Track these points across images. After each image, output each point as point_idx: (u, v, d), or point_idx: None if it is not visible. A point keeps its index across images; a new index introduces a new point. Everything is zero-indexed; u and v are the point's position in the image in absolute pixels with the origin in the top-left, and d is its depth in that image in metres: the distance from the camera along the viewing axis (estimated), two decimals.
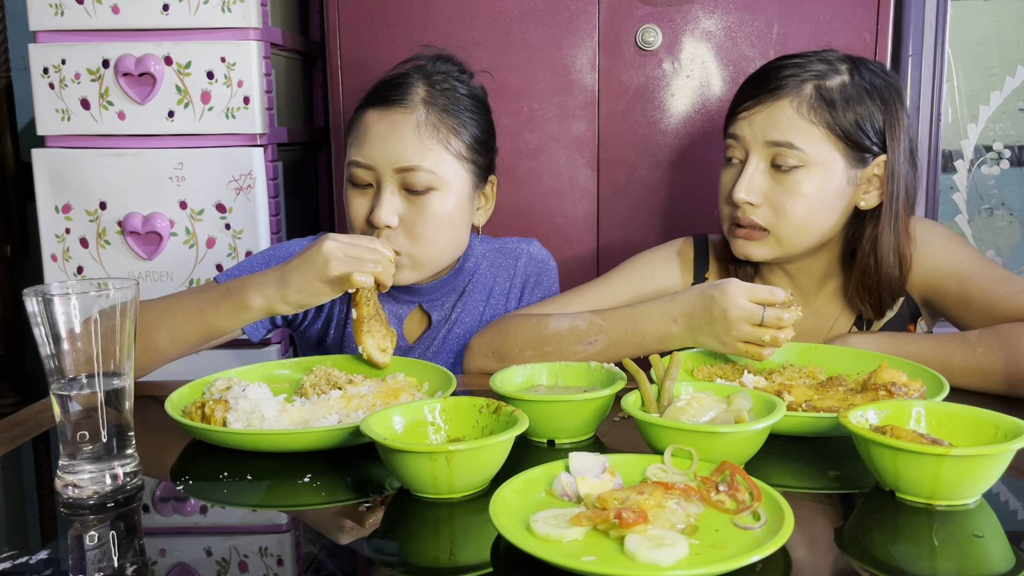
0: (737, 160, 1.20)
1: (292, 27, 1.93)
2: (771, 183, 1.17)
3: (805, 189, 1.15)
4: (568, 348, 1.11)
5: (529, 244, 1.37)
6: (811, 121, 1.15)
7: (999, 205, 1.86)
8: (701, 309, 1.04)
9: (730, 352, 1.03)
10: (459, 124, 1.19)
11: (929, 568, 0.62)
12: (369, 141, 1.17)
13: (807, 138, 1.15)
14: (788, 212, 1.16)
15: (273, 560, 0.66)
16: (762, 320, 1.00)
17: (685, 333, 1.06)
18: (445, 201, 1.18)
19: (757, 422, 0.76)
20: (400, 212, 1.17)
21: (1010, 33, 1.79)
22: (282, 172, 1.82)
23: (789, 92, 1.16)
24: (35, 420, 1.00)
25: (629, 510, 0.61)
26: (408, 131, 1.16)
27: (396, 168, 1.16)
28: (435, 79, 1.21)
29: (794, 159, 1.15)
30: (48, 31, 1.70)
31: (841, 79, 1.17)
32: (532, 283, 1.34)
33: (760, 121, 1.17)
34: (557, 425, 0.87)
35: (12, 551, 0.67)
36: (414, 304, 1.29)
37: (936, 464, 0.69)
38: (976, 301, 1.14)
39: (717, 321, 1.02)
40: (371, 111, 1.19)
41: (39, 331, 0.73)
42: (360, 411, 0.89)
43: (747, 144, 1.18)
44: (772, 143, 1.16)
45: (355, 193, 1.19)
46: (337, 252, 1.03)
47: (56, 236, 1.74)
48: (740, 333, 1.01)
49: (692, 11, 1.64)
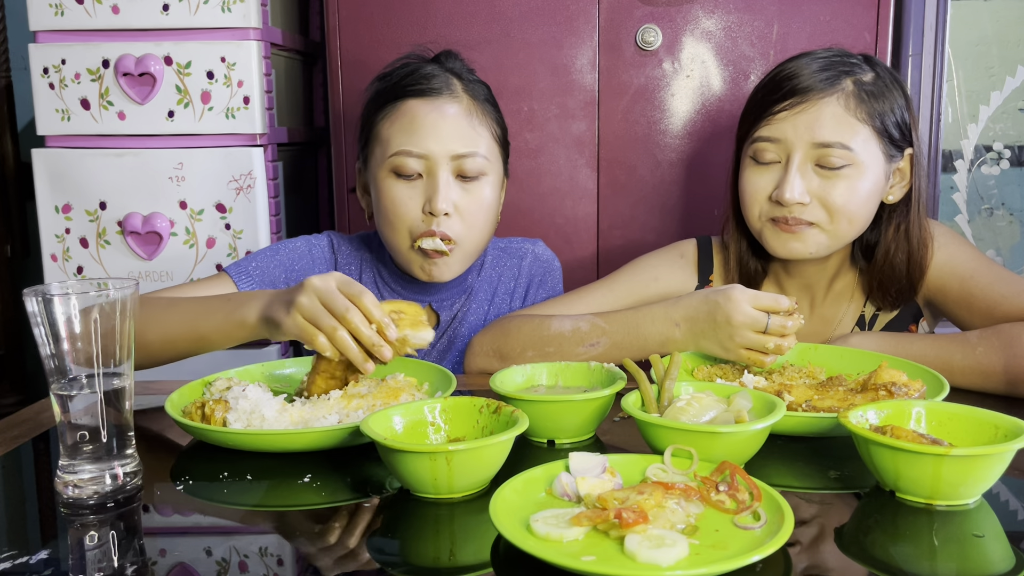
0: (772, 161, 1.17)
1: (292, 27, 1.93)
2: (818, 181, 1.15)
3: (854, 186, 1.14)
4: (570, 349, 1.11)
5: (534, 244, 1.38)
6: (857, 119, 1.14)
7: (999, 205, 1.86)
8: (705, 314, 1.04)
9: (732, 358, 1.03)
10: (491, 111, 1.23)
11: (929, 568, 0.62)
12: (422, 130, 1.17)
13: (855, 136, 1.14)
14: (839, 209, 1.15)
15: (273, 560, 0.66)
16: (766, 328, 1.00)
17: (688, 337, 1.06)
18: (491, 187, 1.20)
19: (757, 422, 0.76)
20: (455, 199, 1.17)
21: (1010, 33, 1.79)
22: (282, 172, 1.82)
23: (831, 90, 1.14)
24: (35, 420, 1.00)
25: (629, 510, 0.61)
26: (462, 118, 1.18)
27: (453, 155, 1.16)
28: (458, 71, 1.23)
29: (842, 159, 1.13)
30: (48, 31, 1.70)
31: (871, 74, 1.17)
32: (537, 283, 1.35)
33: (806, 122, 1.14)
34: (557, 425, 0.87)
35: (12, 551, 0.67)
36: (424, 304, 1.29)
37: (936, 464, 0.69)
38: (977, 301, 1.14)
39: (720, 327, 1.02)
40: (414, 101, 1.18)
41: (39, 331, 0.73)
42: (360, 411, 0.89)
43: (789, 145, 1.15)
44: (820, 144, 1.13)
45: (402, 185, 1.18)
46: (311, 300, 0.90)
47: (56, 236, 1.74)
48: (743, 340, 1.01)
49: (692, 11, 1.64)
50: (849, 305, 1.27)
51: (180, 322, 1.05)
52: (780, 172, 1.16)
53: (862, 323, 1.26)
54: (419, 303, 1.29)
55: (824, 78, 1.14)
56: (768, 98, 1.18)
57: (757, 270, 1.28)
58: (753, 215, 1.21)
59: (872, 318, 1.26)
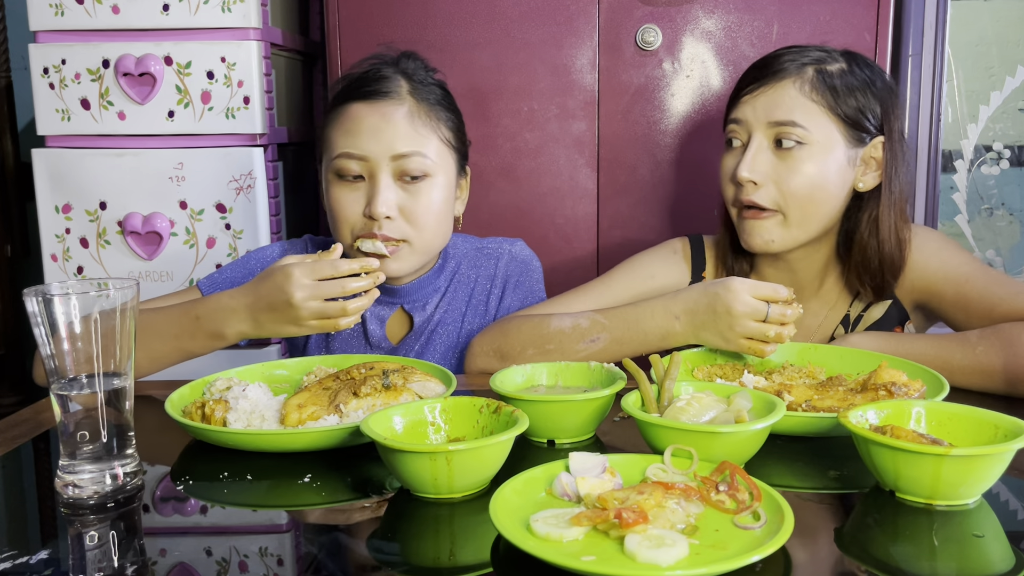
0: (739, 143, 1.22)
1: (292, 27, 1.93)
2: (774, 162, 1.18)
3: (808, 167, 1.17)
4: (570, 346, 1.11)
5: (512, 244, 1.36)
6: (812, 100, 1.17)
7: (999, 205, 1.86)
8: (704, 306, 1.04)
9: (733, 349, 1.03)
10: (442, 113, 1.22)
11: (929, 568, 0.62)
12: (362, 133, 1.17)
13: (809, 116, 1.17)
14: (792, 189, 1.17)
15: (273, 560, 0.66)
16: (766, 317, 1.00)
17: (688, 330, 1.06)
18: (437, 187, 1.19)
19: (757, 422, 0.76)
20: (397, 201, 1.17)
21: (1010, 33, 1.79)
22: (282, 172, 1.82)
23: (791, 74, 1.19)
24: (35, 420, 1.00)
25: (629, 510, 0.61)
26: (402, 120, 1.17)
27: (393, 156, 1.16)
28: (411, 72, 1.22)
29: (796, 136, 1.17)
30: (48, 31, 1.70)
31: (839, 65, 1.20)
32: (513, 283, 1.33)
33: (763, 102, 1.19)
34: (557, 425, 0.87)
35: (12, 551, 0.67)
36: (396, 305, 1.28)
37: (936, 464, 0.69)
38: (974, 304, 1.15)
39: (721, 317, 1.02)
40: (357, 104, 1.19)
41: (39, 331, 0.73)
42: (360, 411, 0.89)
43: (750, 126, 1.20)
44: (775, 123, 1.18)
45: (345, 188, 1.19)
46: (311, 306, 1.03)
47: (56, 236, 1.75)
48: (744, 329, 1.01)
49: (692, 11, 1.64)
50: (836, 303, 1.27)
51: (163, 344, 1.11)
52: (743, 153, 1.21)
53: (846, 322, 1.26)
54: (391, 305, 1.28)
55: (785, 63, 1.20)
56: (739, 84, 1.24)
57: (743, 267, 1.30)
58: (727, 198, 1.24)
59: (857, 319, 1.26)
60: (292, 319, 1.05)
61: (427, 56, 1.49)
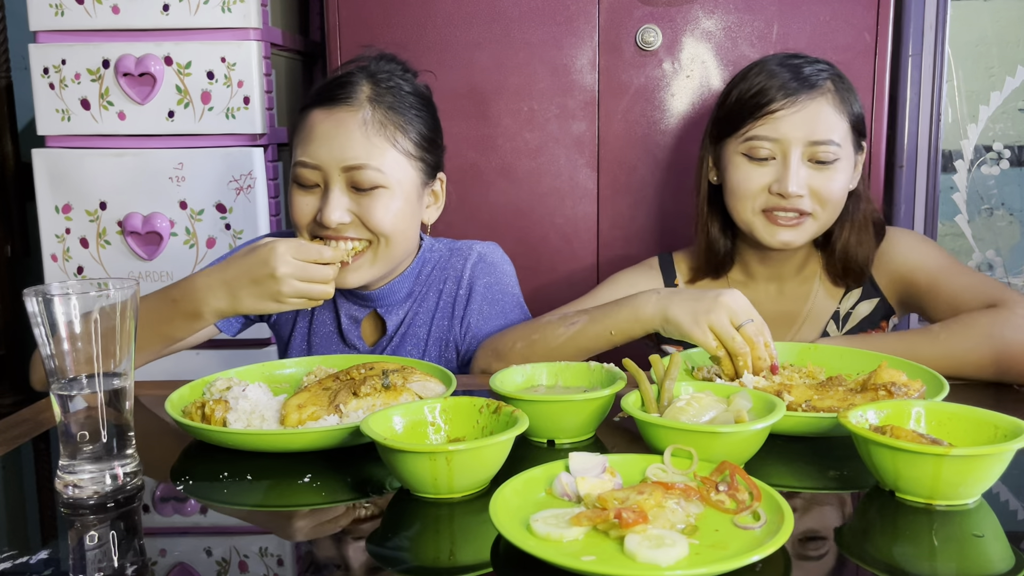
0: (767, 157, 1.24)
1: (292, 27, 1.93)
2: (811, 174, 1.23)
3: (840, 177, 1.24)
4: (552, 332, 1.14)
5: (484, 245, 1.33)
6: (842, 116, 1.24)
7: (999, 205, 1.86)
8: (696, 291, 1.05)
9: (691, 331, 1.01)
10: (405, 121, 1.18)
11: (929, 568, 0.62)
12: (315, 141, 1.15)
13: (841, 133, 1.24)
14: (829, 199, 1.24)
15: (273, 560, 0.66)
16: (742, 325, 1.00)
17: (658, 305, 1.06)
18: (393, 199, 1.16)
19: (757, 422, 0.76)
20: (350, 209, 1.15)
21: (1010, 33, 1.79)
22: (282, 172, 1.82)
23: (822, 90, 1.23)
24: (35, 420, 1.00)
25: (629, 510, 0.61)
26: (355, 129, 1.15)
27: (343, 167, 1.14)
28: (379, 77, 1.19)
29: (833, 154, 1.22)
30: (48, 31, 1.70)
31: (838, 77, 1.26)
32: (482, 285, 1.29)
33: (801, 120, 1.22)
34: (557, 425, 0.87)
35: (12, 551, 0.67)
36: (368, 308, 1.28)
37: (936, 464, 0.69)
38: (944, 293, 1.22)
39: (704, 299, 1.02)
40: (316, 111, 1.17)
41: (39, 331, 0.73)
42: (360, 411, 0.89)
43: (787, 143, 1.22)
44: (815, 142, 1.22)
45: (301, 194, 1.17)
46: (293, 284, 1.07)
47: (56, 236, 1.75)
48: (718, 319, 1.00)
49: (692, 11, 1.64)
50: (819, 286, 1.34)
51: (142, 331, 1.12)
52: (776, 168, 1.24)
53: (836, 317, 1.33)
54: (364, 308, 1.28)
55: (807, 80, 1.23)
56: (758, 102, 1.24)
57: (727, 256, 1.36)
58: (745, 208, 1.27)
59: (847, 315, 1.33)
60: (272, 294, 1.07)
61: (427, 56, 1.49)
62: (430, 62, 1.66)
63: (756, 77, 1.26)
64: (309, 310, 1.30)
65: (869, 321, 1.32)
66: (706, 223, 1.35)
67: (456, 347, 1.28)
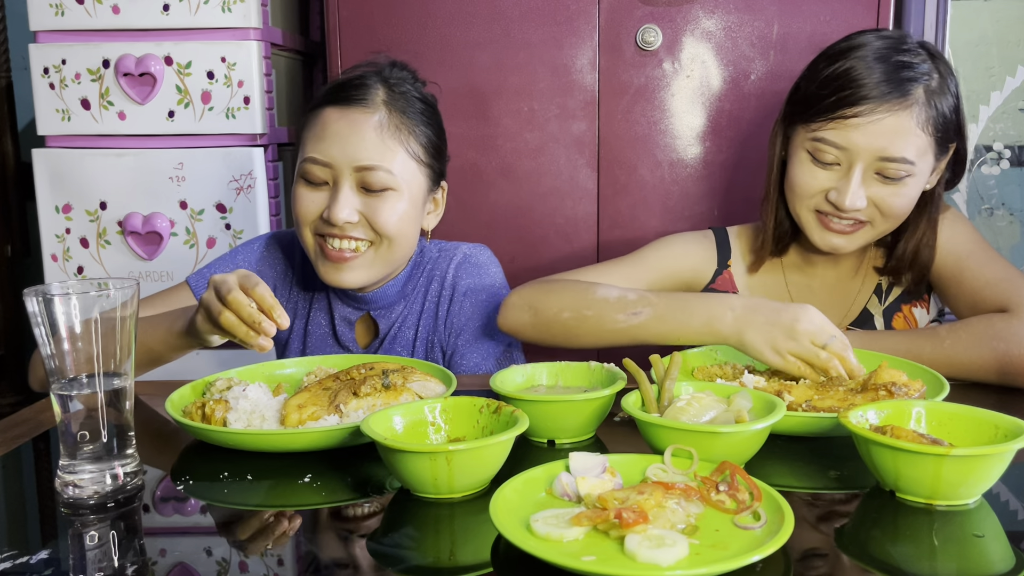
0: (831, 162, 1.15)
1: (292, 27, 1.93)
2: (877, 188, 1.15)
3: (910, 192, 1.15)
4: (610, 315, 1.08)
5: (471, 247, 1.33)
6: (925, 132, 1.12)
7: (999, 205, 1.86)
8: (771, 310, 0.99)
9: (773, 360, 0.98)
10: (416, 126, 1.19)
11: (929, 568, 0.62)
12: (328, 139, 1.16)
13: (919, 151, 1.13)
14: (893, 213, 1.16)
15: (273, 560, 0.66)
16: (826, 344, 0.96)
17: (735, 324, 1.00)
18: (400, 202, 1.17)
19: (757, 422, 0.76)
20: (358, 209, 1.16)
21: (1010, 33, 1.79)
22: (282, 172, 1.82)
23: (906, 101, 1.11)
24: (35, 420, 1.00)
25: (629, 510, 0.61)
26: (370, 130, 1.15)
27: (356, 167, 1.14)
28: (393, 83, 1.20)
29: (904, 171, 1.13)
30: (48, 31, 1.70)
31: (937, 77, 1.14)
32: (464, 287, 1.28)
33: (875, 134, 1.11)
34: (557, 425, 0.87)
35: (12, 551, 0.67)
36: (362, 311, 1.28)
37: (936, 464, 0.69)
38: (967, 281, 1.17)
39: (781, 325, 0.97)
40: (330, 109, 1.18)
41: (39, 331, 0.73)
42: (360, 411, 0.89)
43: (854, 155, 1.13)
44: (887, 158, 1.12)
45: (308, 190, 1.18)
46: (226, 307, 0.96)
47: (56, 236, 1.75)
48: (799, 346, 0.96)
49: (692, 11, 1.64)
50: (873, 278, 1.29)
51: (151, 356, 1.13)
52: (839, 175, 1.15)
53: (879, 291, 1.28)
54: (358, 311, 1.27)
55: (896, 87, 1.11)
56: (836, 99, 1.13)
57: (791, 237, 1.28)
58: (803, 206, 1.20)
59: (888, 288, 1.28)
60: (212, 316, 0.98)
61: (427, 56, 1.49)
62: (430, 62, 1.66)
63: (847, 63, 1.14)
64: (305, 312, 1.30)
65: (910, 294, 1.27)
66: (776, 201, 1.26)
67: (441, 348, 1.28)
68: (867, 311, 1.27)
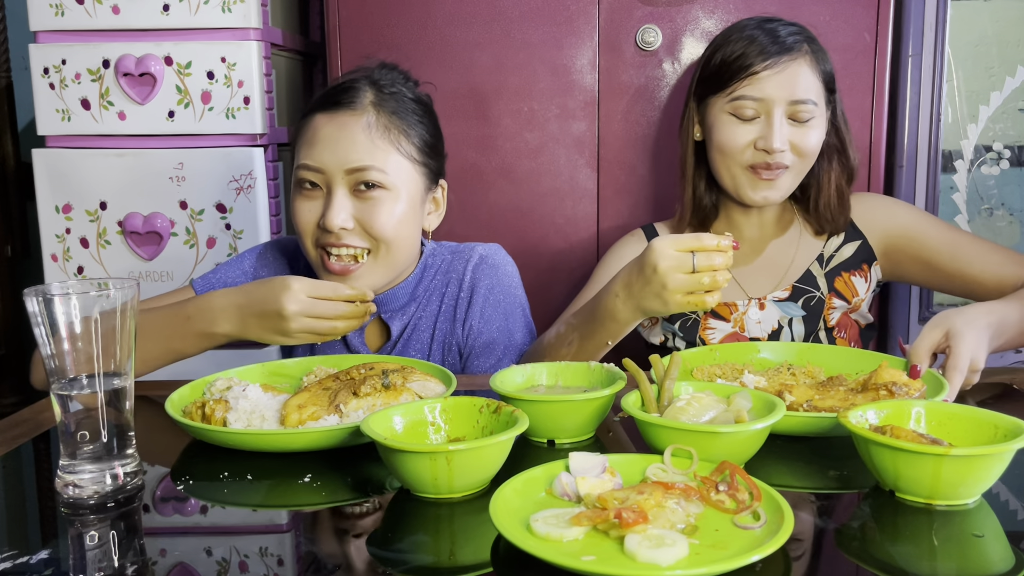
0: (752, 114, 1.31)
1: (292, 27, 1.93)
2: (791, 130, 1.31)
3: (817, 133, 1.32)
4: (555, 354, 1.16)
5: (486, 247, 1.33)
6: (817, 77, 1.32)
7: (999, 205, 1.86)
8: (636, 274, 1.04)
9: (674, 308, 1.02)
10: (408, 126, 1.19)
11: (929, 568, 0.62)
12: (319, 144, 1.16)
13: (816, 92, 1.31)
14: (808, 153, 1.32)
15: (273, 560, 0.66)
16: (693, 267, 1.00)
17: (628, 304, 1.06)
18: (396, 204, 1.16)
19: (757, 422, 0.76)
20: (353, 214, 1.15)
21: (1010, 33, 1.79)
22: (282, 172, 1.82)
23: (801, 52, 1.31)
24: (35, 420, 1.00)
25: (629, 510, 0.61)
26: (358, 132, 1.15)
27: (347, 169, 1.14)
28: (382, 84, 1.20)
29: (810, 113, 1.30)
30: (48, 31, 1.70)
31: (809, 34, 1.34)
32: (484, 288, 1.28)
33: (782, 81, 1.29)
34: (557, 425, 0.87)
35: (12, 551, 0.67)
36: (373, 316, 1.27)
37: (936, 464, 0.69)
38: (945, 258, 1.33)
39: (651, 280, 1.02)
40: (319, 115, 1.18)
41: (39, 331, 0.73)
42: (360, 411, 0.89)
43: (769, 104, 1.29)
44: (796, 101, 1.29)
45: (304, 199, 1.18)
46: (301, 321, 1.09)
47: (56, 236, 1.75)
48: (676, 283, 1.00)
49: (692, 11, 1.64)
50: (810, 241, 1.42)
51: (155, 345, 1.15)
52: (761, 126, 1.31)
53: (821, 260, 1.40)
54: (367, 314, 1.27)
55: (789, 45, 1.30)
56: (745, 62, 1.31)
57: (711, 209, 1.42)
58: (735, 163, 1.33)
59: (830, 257, 1.40)
60: (279, 329, 1.09)
61: (427, 56, 1.50)
62: (430, 62, 1.66)
63: (738, 41, 1.32)
64: None
65: (852, 263, 1.40)
66: (693, 178, 1.41)
67: (459, 350, 1.28)
68: (810, 272, 1.40)
